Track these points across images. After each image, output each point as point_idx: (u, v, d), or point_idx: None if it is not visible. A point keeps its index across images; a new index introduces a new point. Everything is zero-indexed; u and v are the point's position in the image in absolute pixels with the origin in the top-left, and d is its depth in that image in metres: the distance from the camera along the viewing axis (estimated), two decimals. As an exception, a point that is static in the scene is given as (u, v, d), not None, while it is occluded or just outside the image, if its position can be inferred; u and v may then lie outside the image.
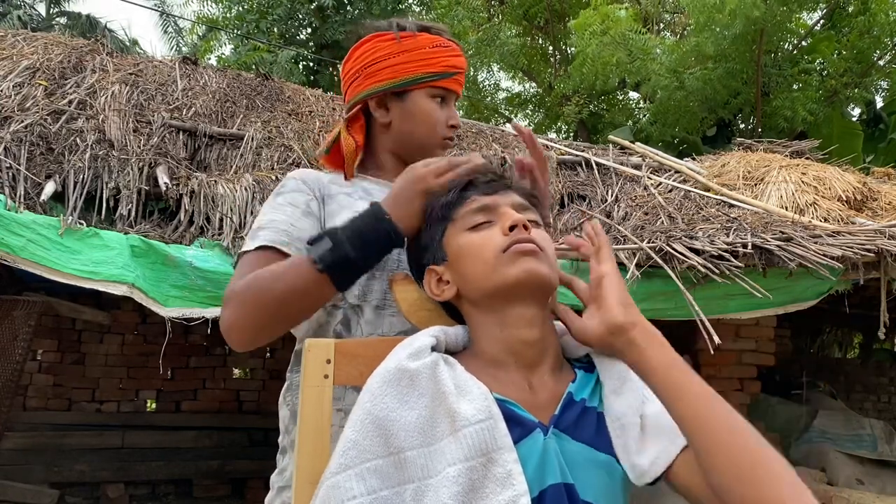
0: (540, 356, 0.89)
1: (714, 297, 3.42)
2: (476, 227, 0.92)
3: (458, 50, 1.28)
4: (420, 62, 1.22)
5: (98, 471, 5.05)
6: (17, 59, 4.38)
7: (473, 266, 0.90)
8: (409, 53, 1.22)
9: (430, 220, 0.99)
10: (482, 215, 0.93)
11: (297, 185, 1.18)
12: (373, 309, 1.13)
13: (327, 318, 1.15)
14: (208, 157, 4.16)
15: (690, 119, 9.48)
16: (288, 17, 11.69)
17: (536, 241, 0.90)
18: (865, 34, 8.93)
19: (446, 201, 0.96)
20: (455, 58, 1.26)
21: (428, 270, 0.98)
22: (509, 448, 0.78)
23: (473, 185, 0.97)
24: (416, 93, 1.24)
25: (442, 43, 1.25)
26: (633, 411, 0.85)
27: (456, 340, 0.93)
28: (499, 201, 0.94)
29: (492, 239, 0.90)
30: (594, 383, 0.91)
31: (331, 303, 1.14)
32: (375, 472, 0.77)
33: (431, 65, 1.23)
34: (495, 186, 0.96)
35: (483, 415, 0.79)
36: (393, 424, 0.79)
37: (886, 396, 7.39)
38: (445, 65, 1.24)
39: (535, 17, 12.29)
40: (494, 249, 0.89)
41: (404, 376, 0.82)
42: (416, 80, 1.23)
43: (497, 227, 0.91)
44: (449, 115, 1.26)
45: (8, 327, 3.81)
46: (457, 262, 0.93)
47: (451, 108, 1.27)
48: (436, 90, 1.24)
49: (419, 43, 1.23)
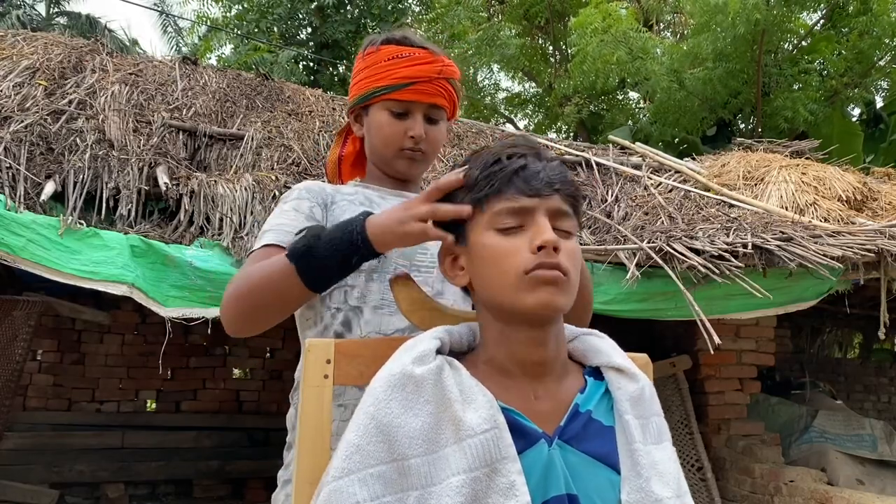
0: (546, 370, 0.89)
1: (714, 298, 3.42)
2: (505, 230, 0.86)
3: (427, 58, 1.26)
4: (374, 77, 1.25)
5: (98, 471, 5.04)
6: (17, 59, 4.38)
7: (491, 274, 0.87)
8: (369, 69, 1.27)
9: (468, 187, 0.91)
10: (515, 218, 0.86)
11: (301, 194, 1.23)
12: (371, 309, 1.17)
13: (331, 320, 1.19)
14: (208, 157, 4.16)
15: (690, 119, 9.48)
16: (288, 16, 11.69)
17: (562, 265, 0.85)
18: (866, 34, 8.93)
19: (484, 189, 0.88)
20: (413, 67, 1.24)
21: (442, 249, 0.95)
22: (513, 459, 0.78)
23: (519, 177, 0.87)
24: (373, 107, 1.27)
25: (400, 54, 1.24)
26: (674, 480, 0.87)
27: (460, 340, 0.92)
28: (537, 206, 0.86)
29: (517, 253, 0.85)
30: (602, 394, 0.91)
31: (335, 305, 1.18)
32: (379, 477, 0.77)
33: (383, 78, 1.24)
34: (538, 185, 0.87)
35: (488, 424, 0.79)
36: (397, 431, 0.79)
37: (886, 396, 7.38)
38: (397, 76, 1.24)
39: (536, 17, 12.28)
40: (517, 268, 0.84)
41: (409, 382, 0.81)
42: (369, 94, 1.27)
43: (527, 236, 0.86)
44: (408, 127, 1.25)
45: (8, 327, 3.81)
46: (476, 259, 0.89)
47: (413, 118, 1.25)
48: (390, 102, 1.25)
49: (378, 57, 1.26)
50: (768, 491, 4.10)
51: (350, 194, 1.26)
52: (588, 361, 0.95)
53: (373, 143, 1.30)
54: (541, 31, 12.94)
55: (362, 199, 1.25)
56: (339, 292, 1.19)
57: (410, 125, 1.25)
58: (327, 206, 1.22)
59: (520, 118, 14.78)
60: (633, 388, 0.90)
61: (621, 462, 0.86)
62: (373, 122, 1.28)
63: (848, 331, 7.94)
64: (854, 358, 8.37)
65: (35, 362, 5.24)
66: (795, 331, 6.93)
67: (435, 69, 1.26)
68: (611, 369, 0.92)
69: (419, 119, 1.26)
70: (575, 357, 0.95)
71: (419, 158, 1.28)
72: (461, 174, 0.92)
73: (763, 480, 4.15)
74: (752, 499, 4.22)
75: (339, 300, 1.19)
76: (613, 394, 0.90)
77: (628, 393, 0.90)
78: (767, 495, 4.10)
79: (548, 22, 12.25)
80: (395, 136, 1.25)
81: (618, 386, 0.91)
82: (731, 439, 4.52)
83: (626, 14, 9.86)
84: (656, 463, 0.87)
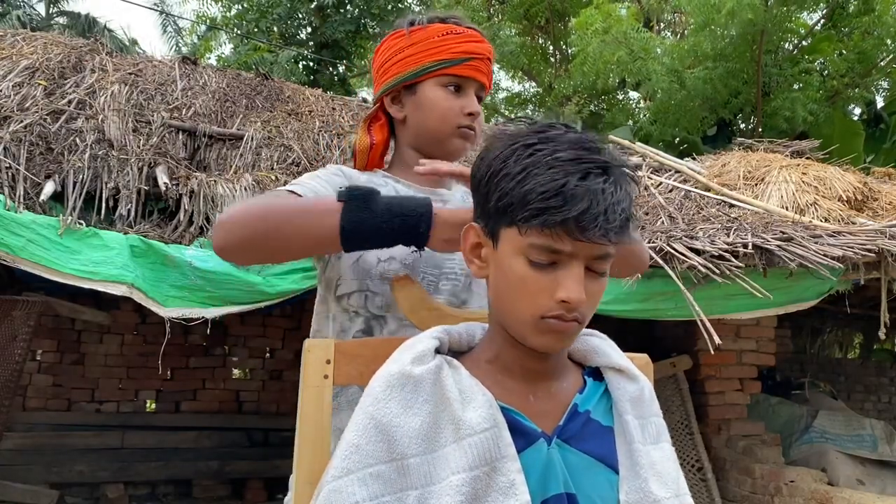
0: (548, 372, 0.89)
1: (714, 298, 3.42)
2: (537, 265, 0.79)
3: (476, 36, 1.23)
4: (428, 52, 1.20)
5: (97, 471, 5.04)
6: (17, 58, 4.38)
7: (508, 299, 0.83)
8: (418, 45, 1.20)
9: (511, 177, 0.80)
10: (551, 256, 0.79)
11: (337, 171, 1.20)
12: (397, 320, 1.13)
13: (349, 323, 1.15)
14: (208, 157, 4.16)
15: (691, 119, 9.48)
16: (288, 16, 11.69)
17: (579, 317, 0.81)
18: (867, 34, 8.93)
19: (532, 218, 0.76)
20: (469, 43, 1.21)
21: (470, 228, 0.87)
22: (513, 458, 0.78)
23: (576, 221, 0.75)
24: (425, 83, 1.21)
25: (453, 30, 1.21)
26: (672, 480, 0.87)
27: (460, 340, 0.92)
28: (580, 252, 0.78)
29: (539, 295, 0.80)
30: (601, 394, 0.91)
31: (353, 308, 1.15)
32: (378, 477, 0.77)
33: (439, 52, 1.19)
34: (593, 234, 0.76)
35: (488, 423, 0.79)
36: (396, 430, 0.78)
37: (887, 397, 7.38)
38: (455, 51, 1.20)
39: (536, 17, 12.29)
40: (534, 310, 0.80)
41: (408, 382, 0.81)
42: (423, 70, 1.20)
43: (556, 277, 0.79)
44: (464, 104, 1.21)
45: (7, 327, 3.81)
46: (499, 273, 0.84)
47: (468, 95, 1.22)
48: (446, 78, 1.20)
49: (428, 33, 1.20)
50: (768, 491, 4.09)
51: (380, 185, 1.18)
52: (588, 362, 0.94)
53: (425, 122, 1.22)
54: (541, 30, 12.95)
55: (392, 191, 1.20)
56: (360, 295, 1.14)
57: (467, 102, 1.21)
58: None
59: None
60: (632, 389, 0.91)
61: (620, 462, 0.86)
62: (425, 100, 1.21)
63: (848, 331, 7.95)
64: (854, 358, 8.37)
65: (35, 362, 5.24)
66: (796, 331, 6.93)
67: (486, 48, 1.23)
68: (611, 370, 0.92)
69: (473, 96, 1.22)
70: (575, 357, 0.95)
71: (472, 139, 1.24)
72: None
73: (763, 481, 4.15)
74: (753, 499, 4.22)
75: (359, 303, 1.15)
76: (613, 394, 0.91)
77: (628, 393, 0.90)
78: (768, 495, 4.10)
79: (548, 22, 12.26)
80: (453, 112, 1.20)
81: (617, 386, 0.91)
82: (732, 439, 4.51)
83: (626, 14, 9.85)
84: (655, 463, 0.87)
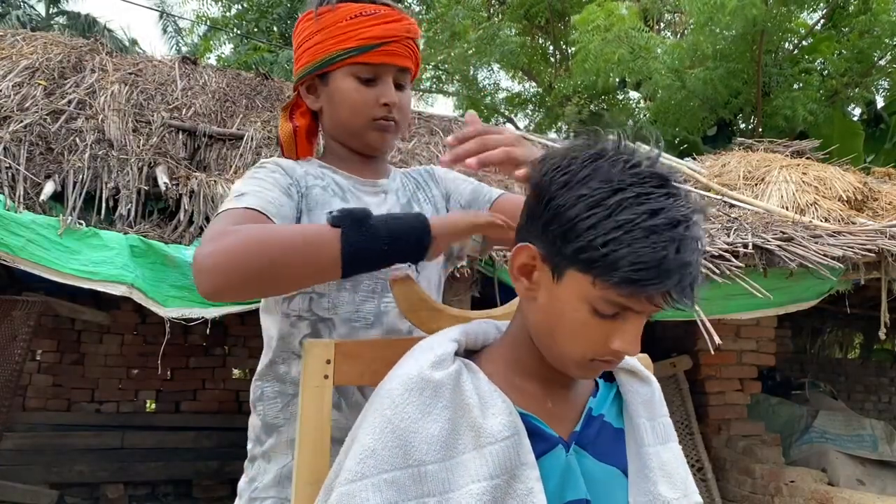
0: (566, 378, 0.89)
1: (714, 297, 3.42)
2: (600, 313, 0.77)
3: (392, 14, 1.11)
4: (335, 39, 1.09)
5: (97, 471, 5.04)
6: (17, 58, 4.38)
7: (561, 334, 0.80)
8: (326, 31, 1.10)
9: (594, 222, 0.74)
10: (616, 309, 0.77)
11: (276, 168, 1.10)
12: (343, 322, 1.09)
13: (290, 330, 1.10)
14: (208, 157, 4.16)
15: (691, 119, 9.48)
16: (288, 16, 11.70)
17: (618, 360, 0.82)
18: (866, 34, 8.93)
19: (623, 285, 0.73)
20: (380, 26, 1.09)
21: (524, 249, 0.82)
22: (532, 465, 0.78)
23: (660, 291, 0.74)
24: (336, 73, 1.11)
25: (364, 11, 1.09)
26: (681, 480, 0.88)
27: (476, 339, 0.91)
28: (644, 310, 0.78)
29: (597, 340, 0.79)
30: (613, 397, 0.92)
31: (295, 312, 1.09)
32: (392, 483, 0.75)
33: (348, 39, 1.08)
34: (668, 301, 0.76)
35: (509, 431, 0.78)
36: (414, 436, 0.77)
37: (887, 397, 7.38)
38: (365, 37, 1.08)
39: (536, 17, 12.29)
40: (588, 352, 0.80)
41: (427, 387, 0.80)
42: (330, 59, 1.10)
43: (615, 326, 0.78)
44: (380, 93, 1.11)
45: (7, 327, 3.80)
46: (553, 302, 0.80)
47: (384, 83, 1.11)
48: (357, 67, 1.10)
49: (336, 16, 1.09)
50: (768, 491, 4.09)
51: (319, 178, 1.13)
52: None
53: (337, 116, 1.14)
54: (541, 30, 12.95)
55: (334, 187, 1.13)
56: (303, 298, 1.08)
57: (382, 91, 1.11)
58: (301, 192, 1.09)
59: (520, 118, 14.78)
60: (645, 392, 0.92)
61: (629, 465, 0.86)
62: (336, 91, 1.12)
63: (848, 331, 7.94)
64: (854, 358, 8.36)
65: (34, 362, 5.23)
66: (796, 331, 6.92)
67: (404, 27, 1.11)
68: (623, 371, 0.93)
69: (390, 84, 1.12)
70: None
71: (392, 129, 1.14)
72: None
73: (763, 481, 4.15)
74: (753, 499, 4.21)
75: (302, 307, 1.08)
76: (626, 397, 0.91)
77: (641, 396, 0.91)
78: (768, 496, 4.10)
79: (548, 22, 12.26)
80: (366, 104, 1.11)
81: (630, 389, 0.92)
82: (732, 439, 4.51)
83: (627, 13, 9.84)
84: (664, 464, 0.87)
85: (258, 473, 1.13)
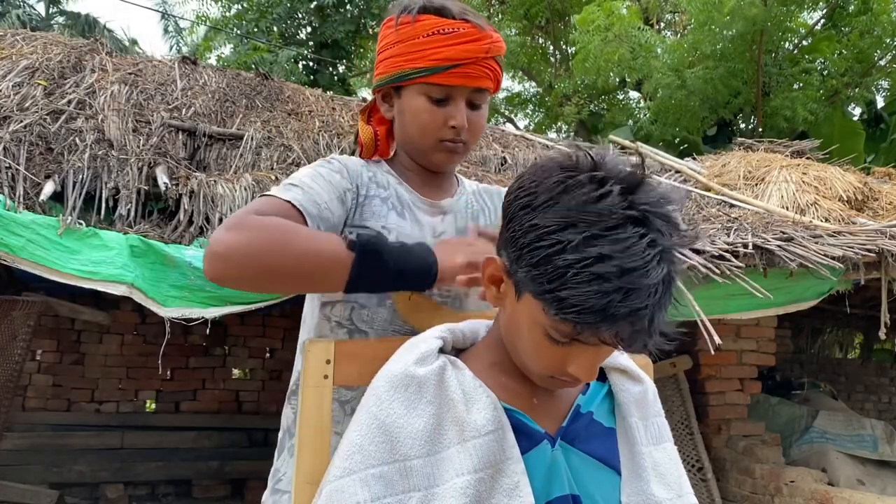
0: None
1: (715, 298, 3.41)
2: (555, 340, 0.76)
3: (472, 34, 1.07)
4: (410, 54, 1.07)
5: (97, 471, 5.04)
6: (17, 58, 4.37)
7: (521, 349, 0.81)
8: (403, 44, 1.08)
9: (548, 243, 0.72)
10: (568, 339, 0.75)
11: (340, 169, 1.11)
12: (377, 336, 1.11)
13: (328, 334, 1.13)
14: (208, 157, 4.15)
15: (691, 118, 9.49)
16: (287, 16, 11.68)
17: (581, 381, 0.82)
18: (866, 34, 8.93)
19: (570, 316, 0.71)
20: (458, 46, 1.06)
21: (492, 261, 0.83)
22: (517, 459, 0.78)
23: (617, 331, 0.71)
24: (409, 89, 1.10)
25: (441, 29, 1.06)
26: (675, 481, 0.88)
27: (464, 338, 0.91)
28: (597, 345, 0.75)
29: (552, 363, 0.79)
30: (603, 395, 0.91)
31: (336, 318, 1.12)
32: (380, 478, 0.76)
33: (422, 58, 1.07)
34: (627, 343, 0.74)
35: (493, 425, 0.79)
36: (399, 431, 0.78)
37: (887, 397, 7.39)
38: (439, 58, 1.06)
39: (536, 17, 12.29)
40: (545, 370, 0.80)
41: (412, 383, 0.81)
42: (403, 75, 1.09)
43: (571, 352, 0.77)
44: (449, 115, 1.08)
45: (7, 327, 3.80)
46: (514, 318, 0.80)
47: (455, 105, 1.09)
48: (428, 87, 1.08)
49: (415, 30, 1.07)
50: (769, 491, 4.09)
51: (383, 187, 1.14)
52: None
53: (407, 131, 1.13)
54: (541, 30, 12.95)
55: (394, 199, 1.14)
56: (345, 307, 1.11)
57: (452, 113, 1.09)
58: (359, 201, 1.11)
59: (520, 118, 14.78)
60: (636, 391, 0.91)
61: (622, 464, 0.86)
62: (407, 108, 1.11)
63: (848, 331, 7.94)
64: (855, 358, 8.36)
65: (34, 362, 5.24)
66: (796, 331, 6.93)
67: (482, 48, 1.07)
68: (615, 370, 0.93)
69: (461, 106, 1.09)
70: None
71: (459, 150, 1.13)
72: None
73: (763, 481, 4.15)
74: (753, 499, 4.21)
75: (343, 315, 1.11)
76: (617, 396, 0.91)
77: (632, 395, 0.91)
78: (768, 496, 4.09)
79: (548, 21, 12.26)
80: (434, 125, 1.09)
81: (622, 388, 0.91)
82: (732, 440, 4.51)
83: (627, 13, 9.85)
84: (657, 464, 0.87)
85: (283, 465, 1.16)
